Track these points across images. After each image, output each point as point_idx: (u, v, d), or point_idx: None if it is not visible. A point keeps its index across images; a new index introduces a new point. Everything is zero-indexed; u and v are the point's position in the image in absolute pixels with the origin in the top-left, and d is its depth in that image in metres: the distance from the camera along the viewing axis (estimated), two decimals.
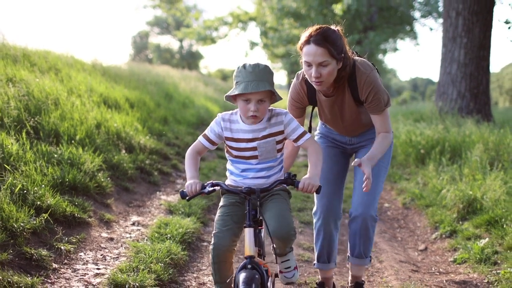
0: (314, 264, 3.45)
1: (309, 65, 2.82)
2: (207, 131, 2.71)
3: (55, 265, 3.32)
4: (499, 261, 4.21)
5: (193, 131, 9.79)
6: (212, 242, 2.51)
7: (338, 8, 13.22)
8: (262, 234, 2.85)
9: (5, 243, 3.17)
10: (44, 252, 3.35)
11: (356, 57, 3.04)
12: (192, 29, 31.48)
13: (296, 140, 2.70)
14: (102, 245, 3.90)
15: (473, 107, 10.81)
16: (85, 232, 3.98)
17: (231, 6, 77.31)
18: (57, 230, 3.73)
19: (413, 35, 27.81)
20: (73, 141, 5.23)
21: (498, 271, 4.02)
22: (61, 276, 3.24)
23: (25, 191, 3.77)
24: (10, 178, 3.77)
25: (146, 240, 4.03)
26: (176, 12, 32.83)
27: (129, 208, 4.95)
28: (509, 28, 10.19)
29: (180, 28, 39.36)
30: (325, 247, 3.34)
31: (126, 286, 3.11)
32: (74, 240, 3.73)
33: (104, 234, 4.11)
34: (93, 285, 3.18)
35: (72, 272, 3.33)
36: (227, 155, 2.75)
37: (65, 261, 3.46)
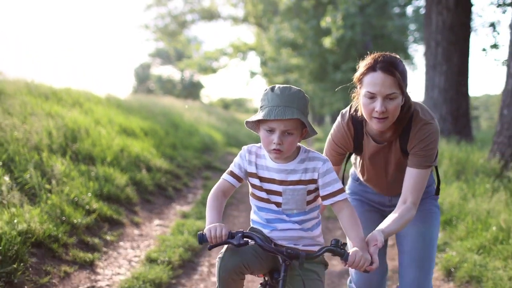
0: None
1: (372, 97, 2.39)
2: (231, 167, 2.35)
3: (104, 249, 4.66)
4: (446, 249, 5.48)
5: (199, 155, 11.18)
6: (218, 262, 2.19)
7: (327, 42, 14.69)
8: None
9: (70, 232, 4.51)
10: (96, 240, 4.69)
11: (415, 101, 2.59)
12: (193, 60, 33.33)
13: (325, 198, 2.25)
14: (135, 238, 5.23)
15: (454, 128, 12.16)
16: (122, 229, 5.32)
17: (230, 38, 79.92)
18: (103, 226, 5.07)
19: (409, 60, 29.38)
20: (104, 162, 6.60)
21: (442, 255, 5.30)
22: (110, 256, 4.57)
23: (76, 199, 5.12)
24: (67, 188, 5.13)
25: (169, 234, 5.36)
26: (177, 44, 34.71)
27: (152, 214, 6.29)
28: (486, 55, 11.66)
29: (181, 58, 41.24)
30: None
31: (158, 261, 4.43)
32: (115, 234, 5.08)
33: (136, 231, 5.45)
34: (134, 261, 4.51)
35: (117, 254, 4.66)
36: (251, 198, 2.37)
37: (111, 247, 4.79)
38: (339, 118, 2.70)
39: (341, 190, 2.24)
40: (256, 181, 2.29)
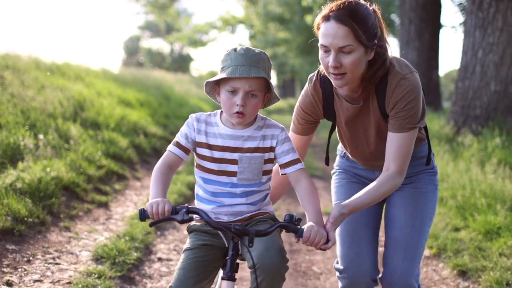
0: None
1: (326, 50, 2.18)
2: (177, 137, 2.23)
3: (114, 195, 5.95)
4: None
5: None
6: None
7: (309, 20, 15.80)
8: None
9: (87, 181, 5.78)
10: (107, 188, 5.98)
11: (392, 56, 2.34)
12: (183, 34, 34.27)
13: (284, 166, 2.20)
14: (138, 188, 6.53)
15: (425, 100, 13.47)
16: (126, 182, 6.61)
17: (220, 11, 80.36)
18: (111, 178, 6.36)
19: (396, 34, 30.46)
20: (108, 128, 7.85)
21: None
22: (119, 199, 5.87)
23: (89, 156, 6.37)
24: (81, 148, 6.38)
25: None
26: (168, 17, 35.55)
27: (150, 171, 7.57)
28: (455, 32, 12.91)
29: (171, 31, 42.04)
30: None
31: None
32: (121, 184, 6.37)
33: (137, 183, 6.75)
34: (138, 203, 5.81)
35: (124, 198, 5.96)
36: (196, 171, 2.27)
37: (119, 193, 6.09)
38: (306, 83, 2.49)
39: (298, 160, 2.21)
40: (205, 151, 2.19)
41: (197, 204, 2.28)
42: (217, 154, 2.18)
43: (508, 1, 8.74)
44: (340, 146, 2.79)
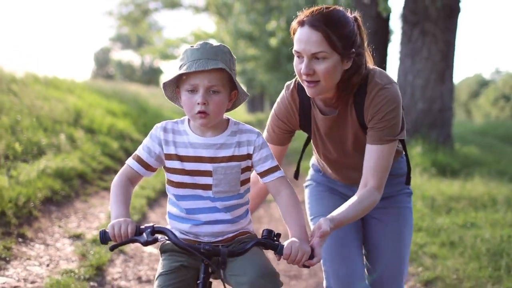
0: None
1: (299, 56, 2.18)
2: (138, 150, 2.11)
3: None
4: None
5: None
6: None
7: (273, 42, 18.00)
8: None
9: (93, 171, 7.84)
10: (108, 177, 8.05)
11: (372, 67, 2.36)
12: (155, 47, 36.40)
13: (264, 174, 2.09)
14: None
15: None
16: None
17: (191, 26, 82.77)
18: (109, 171, 8.45)
19: None
20: (101, 133, 9.92)
21: None
22: None
23: (91, 154, 8.44)
24: (85, 147, 8.45)
25: (151, 178, 8.77)
26: (140, 31, 37.59)
27: None
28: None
29: (142, 44, 44.07)
30: None
31: (147, 188, 7.82)
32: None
33: None
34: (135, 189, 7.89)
35: None
36: (168, 188, 2.14)
37: None
38: (283, 90, 2.48)
39: (277, 168, 2.10)
40: (176, 164, 2.06)
41: (170, 223, 2.15)
42: (189, 166, 2.06)
43: (432, 36, 11.20)
44: (314, 161, 2.78)
